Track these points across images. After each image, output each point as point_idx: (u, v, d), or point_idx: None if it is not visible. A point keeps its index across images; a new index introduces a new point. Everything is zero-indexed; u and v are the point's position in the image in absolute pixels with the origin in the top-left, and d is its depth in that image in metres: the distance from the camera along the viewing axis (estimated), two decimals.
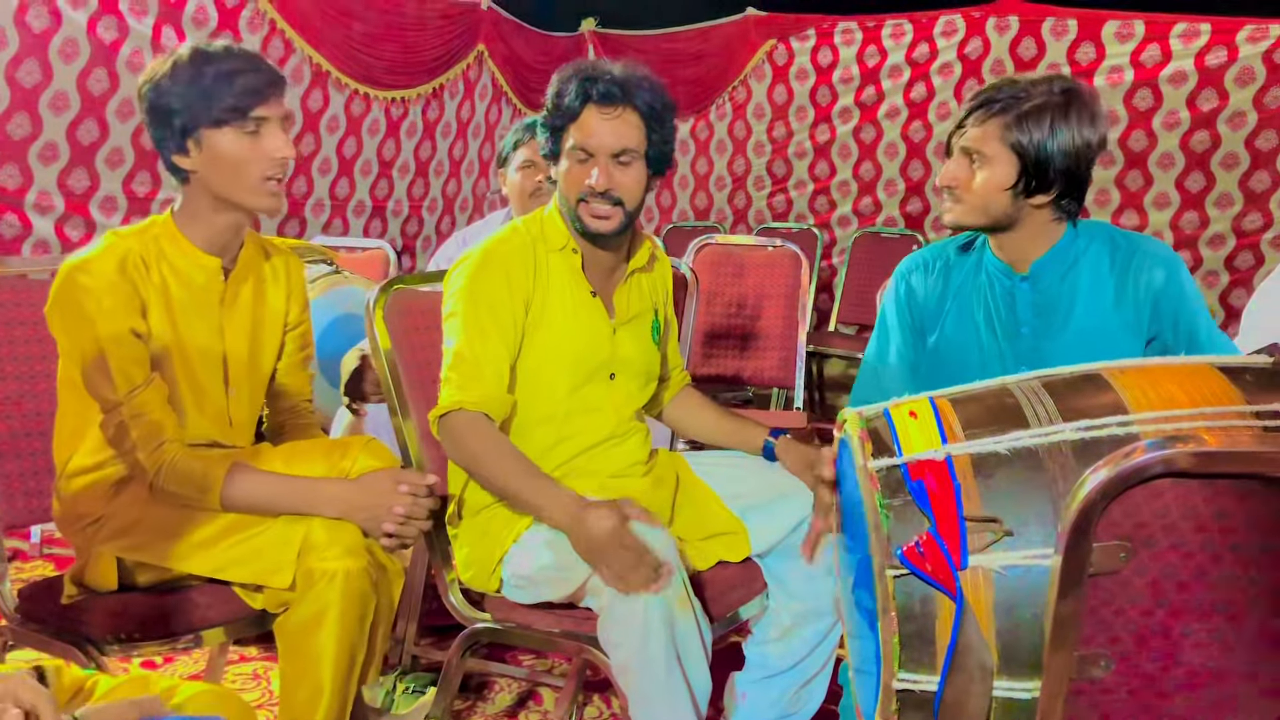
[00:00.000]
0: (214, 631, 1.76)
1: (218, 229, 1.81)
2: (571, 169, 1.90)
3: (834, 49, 6.26)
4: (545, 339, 1.90)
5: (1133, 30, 5.37)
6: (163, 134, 1.72)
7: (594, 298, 1.96)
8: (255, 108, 1.72)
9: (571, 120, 1.88)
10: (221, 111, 1.70)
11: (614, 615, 1.66)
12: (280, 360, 1.98)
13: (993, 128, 1.75)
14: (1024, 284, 1.85)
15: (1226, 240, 5.34)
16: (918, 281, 1.94)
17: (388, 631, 1.76)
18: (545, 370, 1.91)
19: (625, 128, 1.87)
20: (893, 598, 1.13)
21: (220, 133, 1.71)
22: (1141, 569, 1.04)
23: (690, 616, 1.68)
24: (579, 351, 1.93)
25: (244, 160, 1.73)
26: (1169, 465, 0.99)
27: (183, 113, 1.70)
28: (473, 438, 1.80)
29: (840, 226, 6.37)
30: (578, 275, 1.96)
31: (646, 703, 1.68)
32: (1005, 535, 1.11)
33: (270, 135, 1.74)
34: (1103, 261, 1.83)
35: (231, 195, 1.76)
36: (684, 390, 2.25)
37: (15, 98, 4.03)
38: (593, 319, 1.96)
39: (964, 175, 1.79)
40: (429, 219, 6.08)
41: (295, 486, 1.69)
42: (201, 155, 1.73)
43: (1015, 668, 1.11)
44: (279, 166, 1.76)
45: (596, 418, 1.96)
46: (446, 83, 5.92)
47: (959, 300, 1.90)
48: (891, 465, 1.17)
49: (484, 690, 2.45)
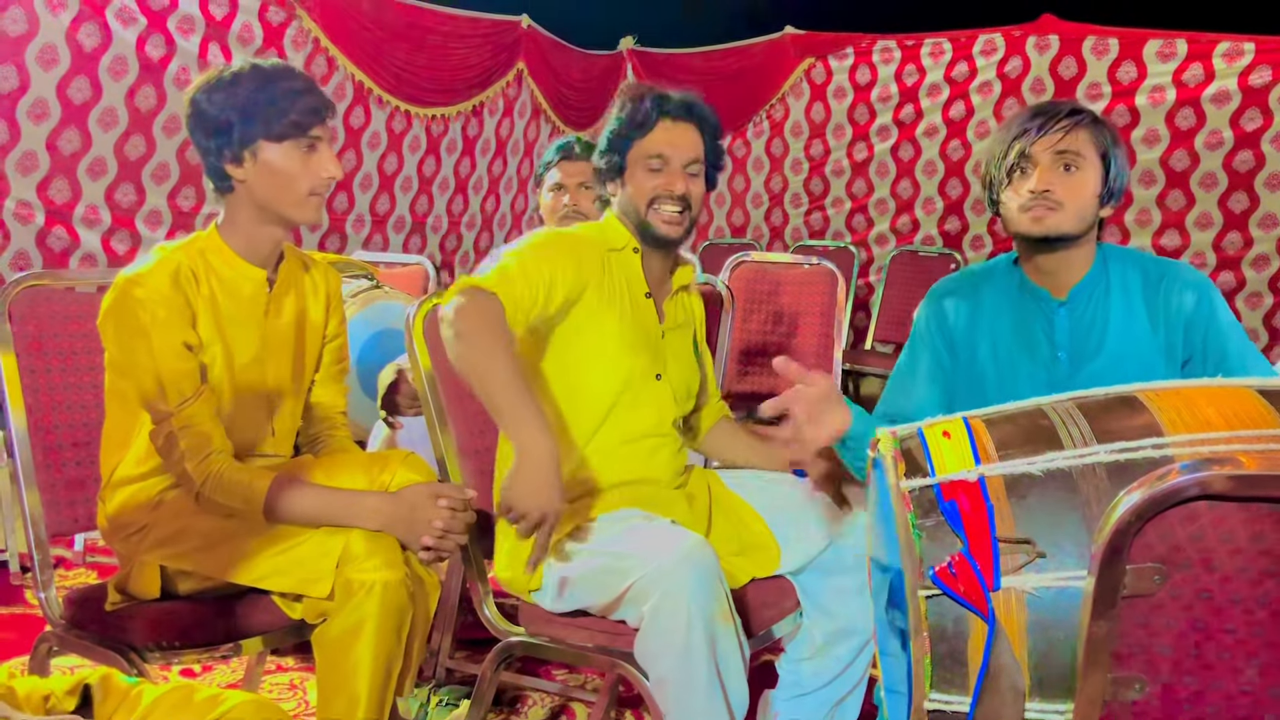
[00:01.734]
0: (253, 641, 1.79)
1: (259, 240, 1.85)
2: (644, 176, 2.01)
3: (872, 67, 6.26)
4: (604, 325, 1.97)
5: (1175, 50, 5.33)
6: (217, 142, 1.77)
7: (648, 299, 2.05)
8: (314, 127, 1.79)
9: (645, 131, 2.01)
10: (284, 126, 1.76)
11: (656, 628, 1.67)
12: (317, 372, 2.01)
13: (1087, 134, 1.78)
14: (1062, 309, 1.85)
15: (1271, 261, 5.27)
16: (950, 306, 1.94)
17: (424, 643, 1.79)
18: (601, 356, 1.97)
19: (695, 140, 2.04)
20: (925, 618, 1.13)
21: (278, 146, 1.77)
22: (1176, 592, 1.03)
23: (731, 631, 1.69)
24: (633, 343, 2.00)
25: (296, 175, 1.79)
26: (1204, 488, 0.99)
27: (243, 123, 1.75)
28: (475, 311, 1.76)
29: (878, 245, 6.36)
30: (637, 274, 2.05)
31: (685, 715, 1.69)
32: (1038, 556, 1.10)
33: (322, 154, 1.81)
34: (1134, 286, 1.83)
35: (277, 207, 1.81)
36: (721, 421, 2.29)
37: (66, 114, 4.13)
38: (647, 317, 2.04)
39: (1060, 180, 1.78)
40: (468, 235, 6.14)
41: (336, 499, 1.72)
42: (255, 166, 1.78)
43: (1048, 690, 1.10)
44: (326, 184, 1.82)
45: (641, 412, 2.00)
46: (486, 100, 5.98)
47: (992, 325, 1.90)
48: (924, 485, 1.17)
49: (517, 704, 2.46)
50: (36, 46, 4.01)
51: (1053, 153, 1.77)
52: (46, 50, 4.04)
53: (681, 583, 1.65)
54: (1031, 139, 1.78)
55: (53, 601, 1.83)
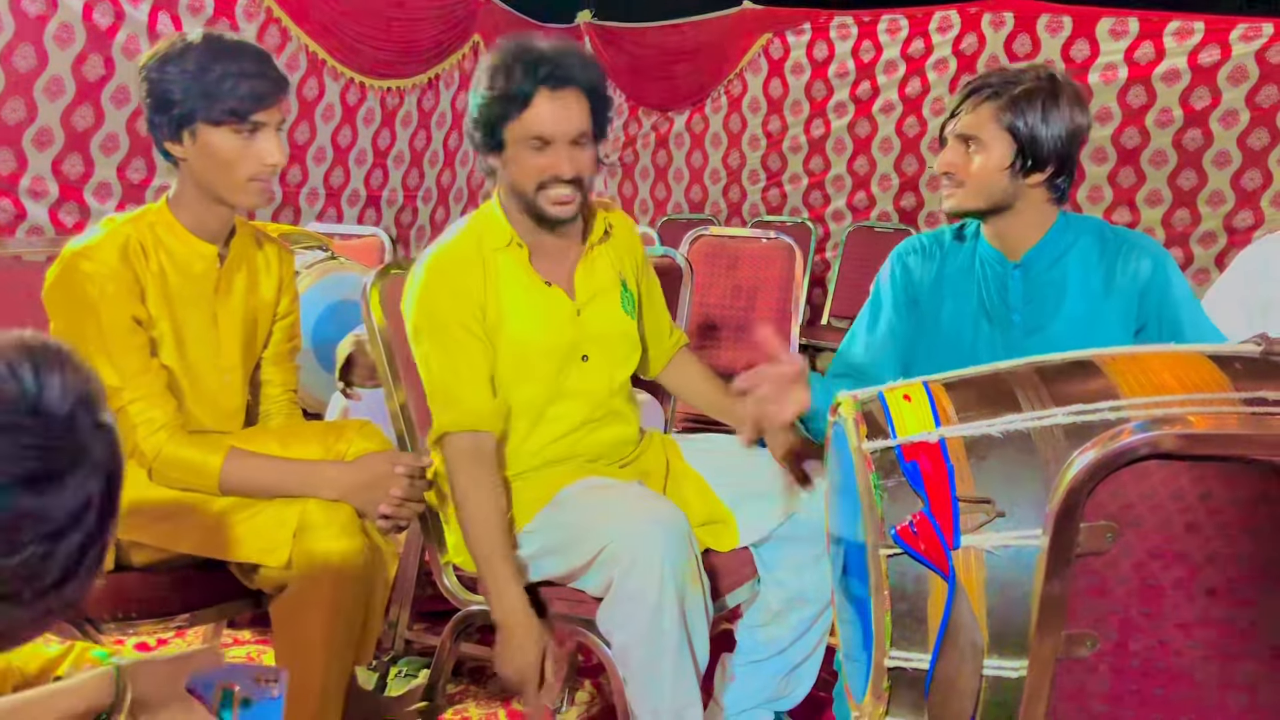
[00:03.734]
0: (208, 611, 1.78)
1: (207, 217, 1.81)
2: (527, 156, 1.83)
3: (829, 43, 6.27)
4: (505, 338, 1.90)
5: (1127, 28, 5.39)
6: (160, 117, 1.72)
7: (549, 288, 1.94)
8: (255, 113, 1.72)
9: (522, 108, 1.80)
10: (220, 112, 1.69)
11: (627, 590, 1.67)
12: (267, 349, 1.98)
13: (986, 111, 1.81)
14: (1016, 271, 1.88)
15: (1218, 238, 5.37)
16: (915, 263, 1.97)
17: (382, 613, 1.78)
18: (511, 367, 1.91)
19: (580, 108, 1.84)
20: (886, 577, 1.15)
21: (216, 130, 1.71)
22: (1128, 549, 1.06)
23: (700, 594, 1.71)
24: (542, 345, 1.92)
25: (234, 160, 1.73)
26: (1155, 447, 1.01)
27: (182, 103, 1.69)
28: (460, 472, 1.82)
29: (834, 221, 6.39)
30: (527, 270, 1.93)
31: (653, 680, 1.70)
32: (997, 516, 1.12)
33: (264, 140, 1.74)
34: (1092, 253, 1.87)
35: (216, 189, 1.76)
36: (681, 354, 2.23)
37: (10, 83, 4.03)
38: (550, 309, 1.94)
39: (961, 161, 1.84)
40: (423, 209, 6.08)
41: (292, 469, 1.70)
42: (194, 147, 1.73)
43: (1005, 647, 1.12)
44: (267, 170, 1.75)
45: (571, 404, 1.96)
46: (442, 73, 5.92)
47: (953, 287, 1.93)
48: (885, 447, 1.19)
49: (476, 675, 2.46)
50: None
51: (954, 135, 1.84)
52: None
53: (652, 546, 1.66)
54: (948, 121, 1.86)
55: None
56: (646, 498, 1.84)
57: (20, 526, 0.88)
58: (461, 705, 2.32)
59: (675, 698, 1.71)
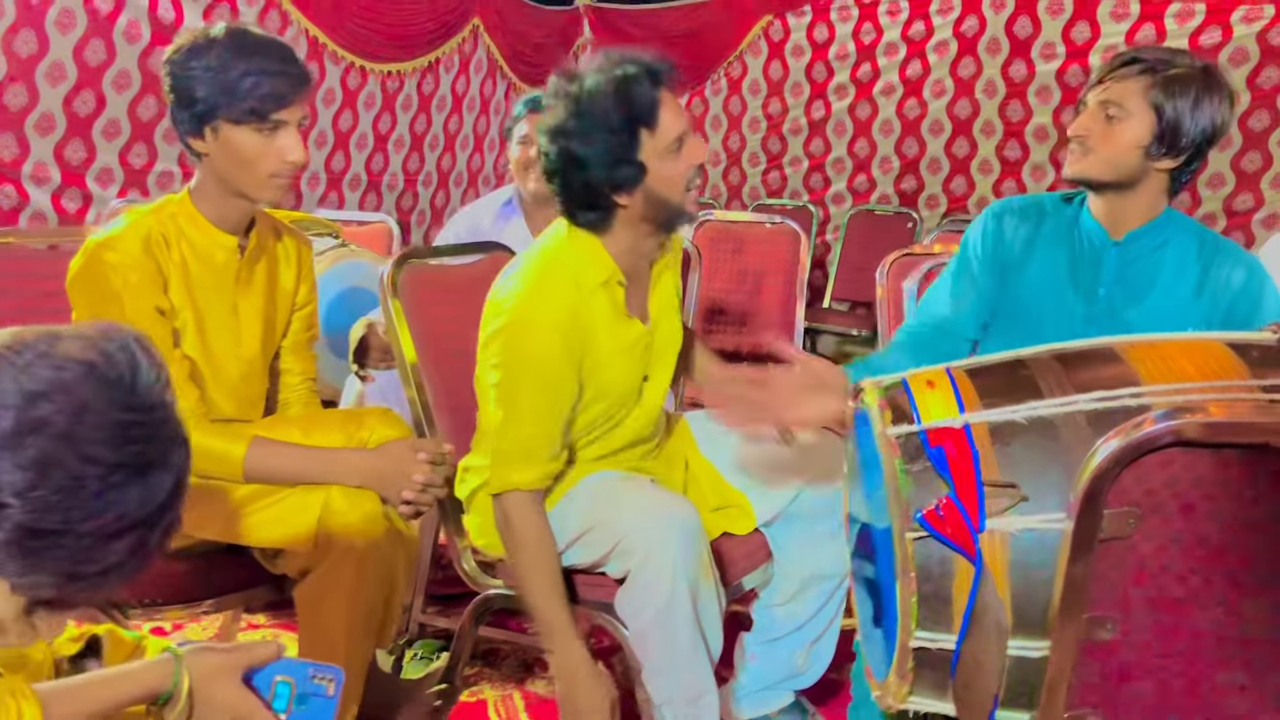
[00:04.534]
0: (233, 597, 1.80)
1: (228, 209, 1.82)
2: (670, 164, 1.78)
3: (830, 26, 6.27)
4: (595, 383, 1.85)
5: (1128, 9, 5.40)
6: (182, 114, 1.73)
7: (630, 319, 1.90)
8: (276, 112, 1.72)
9: (654, 119, 1.76)
10: (241, 111, 1.70)
11: (640, 583, 1.71)
12: (286, 339, 1.99)
13: (1137, 84, 1.78)
14: (1114, 248, 1.88)
15: (1218, 220, 5.39)
16: (1009, 223, 1.95)
17: (403, 597, 1.80)
18: (588, 401, 1.88)
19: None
20: (912, 559, 1.17)
21: (237, 128, 1.71)
22: (1150, 534, 1.08)
23: (711, 587, 1.74)
24: (624, 383, 1.91)
25: (255, 157, 1.73)
26: (1178, 435, 1.03)
27: (204, 99, 1.70)
28: (522, 524, 1.80)
29: (834, 203, 6.40)
30: (619, 307, 1.87)
31: (667, 666, 1.74)
32: (1021, 500, 1.15)
33: (285, 137, 1.74)
34: (1190, 252, 1.86)
35: (237, 185, 1.77)
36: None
37: (11, 68, 4.02)
38: (632, 342, 1.90)
39: (1098, 128, 1.81)
40: (424, 193, 6.08)
41: (316, 457, 1.72)
42: (216, 143, 1.73)
43: (1028, 628, 1.15)
44: (288, 168, 1.76)
45: (630, 426, 1.95)
46: (442, 56, 5.91)
47: (1044, 251, 1.92)
48: (911, 432, 1.21)
49: (490, 657, 2.49)
50: None
51: (1097, 101, 1.81)
52: None
53: (666, 542, 1.69)
54: (1093, 87, 1.82)
55: None
56: (659, 492, 1.87)
57: (108, 510, 0.91)
58: (476, 687, 2.35)
59: (690, 685, 1.75)
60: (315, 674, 1.15)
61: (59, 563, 0.94)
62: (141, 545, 0.97)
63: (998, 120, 5.86)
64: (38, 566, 0.94)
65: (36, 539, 0.92)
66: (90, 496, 0.93)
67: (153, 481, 0.95)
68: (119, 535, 0.95)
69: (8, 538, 0.92)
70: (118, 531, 0.94)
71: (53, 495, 0.92)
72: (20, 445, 0.91)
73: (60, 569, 0.95)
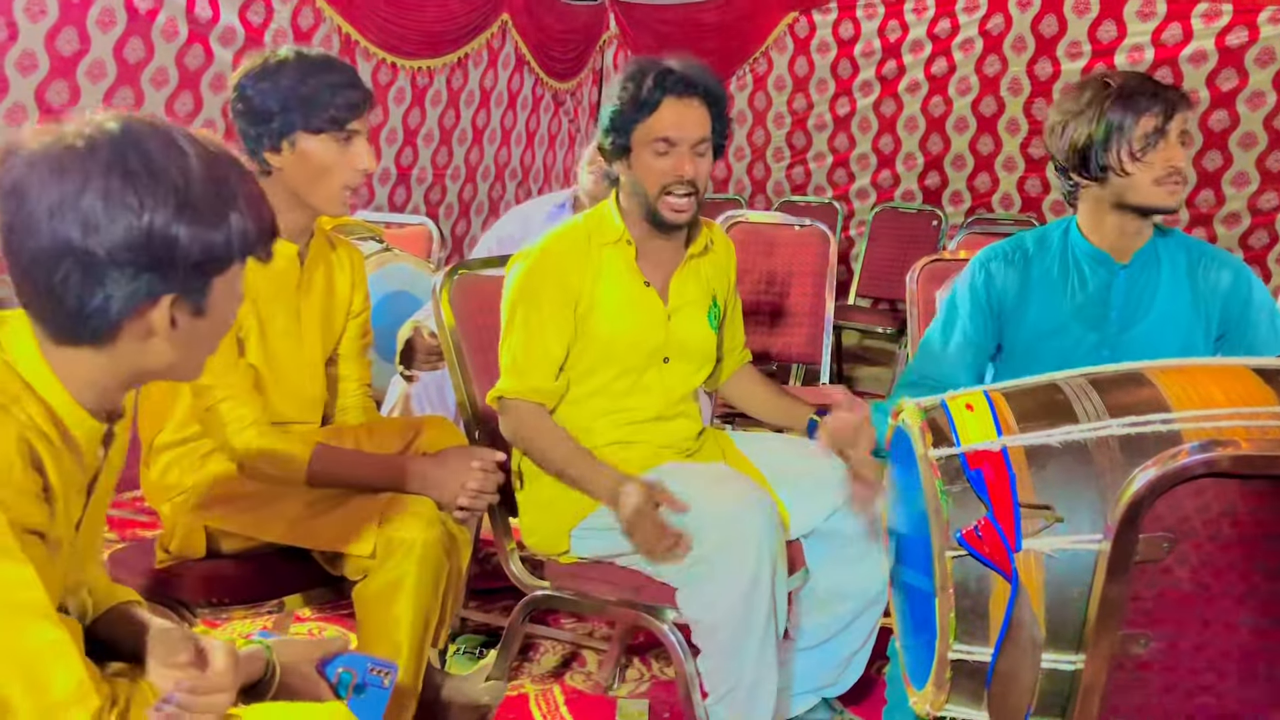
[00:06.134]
0: (295, 597, 1.88)
1: (291, 221, 1.89)
2: (651, 161, 1.96)
3: (855, 22, 6.30)
4: (597, 329, 2.02)
5: (1154, 9, 5.41)
6: (257, 130, 1.80)
7: (647, 288, 2.06)
8: (352, 120, 1.82)
9: (650, 112, 1.94)
10: (321, 120, 1.79)
11: (719, 566, 1.79)
12: (341, 346, 2.07)
13: (1187, 114, 1.88)
14: (1123, 272, 1.96)
15: (1242, 219, 5.41)
16: (997, 270, 2.01)
17: (458, 597, 1.88)
18: (597, 356, 2.03)
19: (701, 117, 1.97)
20: (951, 576, 1.24)
21: (315, 138, 1.80)
22: (1183, 558, 1.14)
23: (785, 569, 1.84)
24: (631, 340, 2.04)
25: (330, 167, 1.82)
26: (1211, 466, 1.10)
27: (283, 114, 1.78)
28: (524, 424, 2.00)
29: (858, 199, 6.44)
30: (631, 267, 2.05)
31: (737, 654, 1.81)
32: (1056, 521, 1.21)
33: (358, 146, 1.84)
34: (1180, 261, 1.96)
35: (308, 197, 1.85)
36: (745, 368, 2.34)
37: (54, 66, 4.10)
38: (645, 308, 2.05)
39: (1183, 157, 1.88)
40: (452, 186, 6.15)
41: (376, 463, 1.81)
42: (293, 156, 1.81)
43: (1061, 642, 1.22)
44: (359, 176, 1.85)
45: (646, 398, 2.07)
46: (471, 52, 5.96)
47: (1041, 293, 1.99)
48: (951, 454, 1.27)
49: (529, 652, 2.57)
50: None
51: (1179, 131, 1.87)
52: (34, 3, 4.00)
53: (750, 521, 1.80)
54: (1169, 115, 1.85)
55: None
56: (734, 477, 1.96)
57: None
58: (517, 682, 2.43)
59: (755, 671, 1.82)
60: (374, 667, 1.31)
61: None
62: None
63: (1023, 118, 5.88)
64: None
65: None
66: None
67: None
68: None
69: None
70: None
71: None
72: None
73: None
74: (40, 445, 1.06)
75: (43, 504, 1.06)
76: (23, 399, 1.07)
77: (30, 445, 1.05)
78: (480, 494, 1.81)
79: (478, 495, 1.81)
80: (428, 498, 1.78)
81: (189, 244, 1.05)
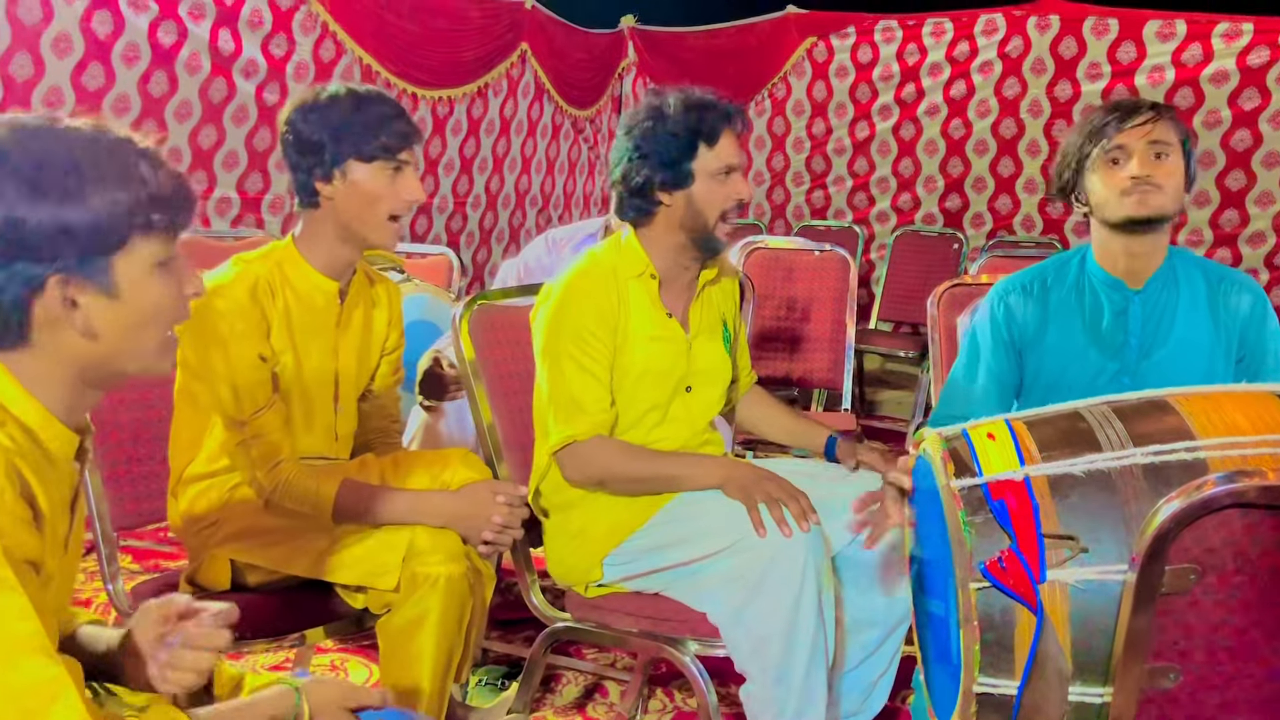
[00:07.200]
0: (316, 631, 1.88)
1: (337, 256, 1.92)
2: (714, 187, 2.00)
3: (874, 46, 6.32)
4: (630, 363, 2.02)
5: (1174, 30, 5.40)
6: (309, 160, 1.83)
7: (670, 319, 2.07)
8: (402, 150, 1.85)
9: (714, 141, 1.99)
10: (375, 148, 1.82)
11: (766, 586, 1.78)
12: (374, 382, 2.09)
13: (1169, 125, 1.89)
14: (1137, 297, 1.94)
15: (1266, 238, 5.38)
16: (1016, 303, 2.01)
17: (482, 631, 1.88)
18: (630, 390, 2.03)
19: (743, 147, 2.06)
20: (975, 608, 1.23)
21: (367, 166, 1.83)
22: (1209, 590, 1.13)
23: (832, 589, 1.83)
24: (660, 371, 2.05)
25: (380, 195, 1.85)
26: (1238, 497, 1.08)
27: (335, 142, 1.81)
28: (595, 459, 1.97)
29: (879, 222, 6.44)
30: (655, 300, 2.06)
31: (784, 676, 1.79)
32: (1081, 551, 1.20)
33: (407, 177, 1.87)
34: (1198, 284, 1.94)
35: (358, 227, 1.87)
36: (753, 390, 2.37)
37: (80, 101, 4.15)
38: (671, 339, 2.07)
39: (1156, 167, 1.87)
40: (472, 215, 6.19)
41: (401, 498, 1.81)
42: (344, 185, 1.84)
43: (1088, 675, 1.20)
44: (406, 207, 1.88)
45: (674, 428, 2.08)
46: (490, 82, 6.02)
47: (1059, 322, 1.98)
48: (973, 485, 1.26)
49: (551, 683, 2.56)
50: (51, 35, 4.03)
51: (1145, 141, 1.86)
52: (61, 39, 4.07)
53: (796, 540, 1.79)
54: (1120, 128, 1.87)
55: (120, 593, 1.91)
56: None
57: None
58: (539, 713, 2.42)
59: (802, 694, 1.80)
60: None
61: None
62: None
63: (1043, 140, 5.88)
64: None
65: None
66: None
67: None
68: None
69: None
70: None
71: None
72: None
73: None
74: (24, 467, 1.04)
75: (34, 532, 1.04)
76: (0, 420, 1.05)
77: (17, 470, 1.03)
78: (505, 529, 1.81)
79: (503, 530, 1.81)
80: (453, 532, 1.78)
81: (42, 226, 1.02)
